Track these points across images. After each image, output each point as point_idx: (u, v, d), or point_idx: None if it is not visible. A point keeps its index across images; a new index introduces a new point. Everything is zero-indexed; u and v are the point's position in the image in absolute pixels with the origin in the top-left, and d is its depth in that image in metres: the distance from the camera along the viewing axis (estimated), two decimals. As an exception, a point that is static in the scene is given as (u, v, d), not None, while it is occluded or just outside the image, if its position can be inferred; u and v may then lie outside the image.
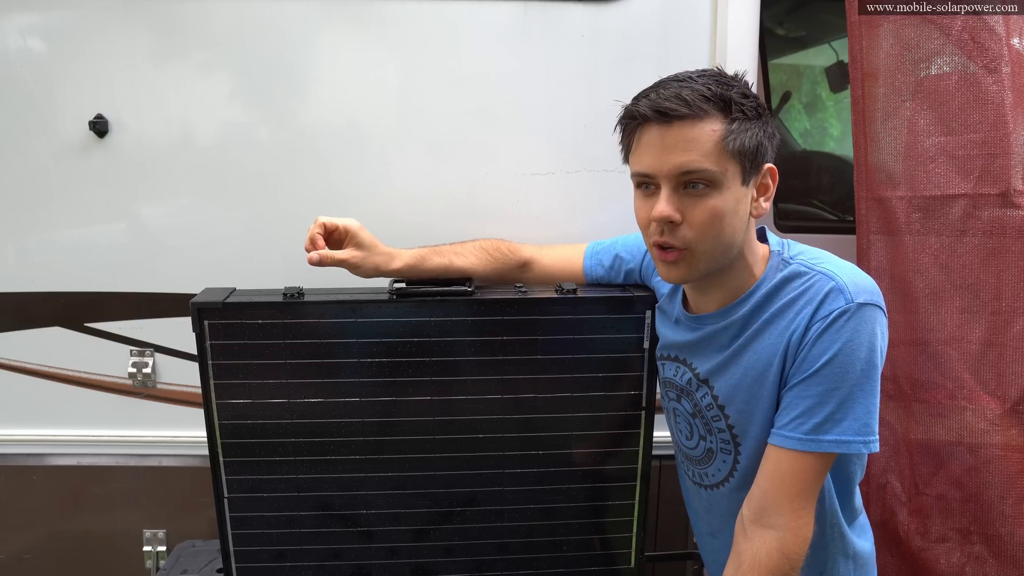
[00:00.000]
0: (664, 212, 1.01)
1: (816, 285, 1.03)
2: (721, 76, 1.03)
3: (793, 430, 1.02)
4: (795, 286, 1.05)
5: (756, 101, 1.02)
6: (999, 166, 1.35)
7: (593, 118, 1.55)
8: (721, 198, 1.01)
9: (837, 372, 1.00)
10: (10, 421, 1.64)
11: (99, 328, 1.60)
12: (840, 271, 1.03)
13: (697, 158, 0.99)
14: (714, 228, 1.01)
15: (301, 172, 1.54)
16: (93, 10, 1.46)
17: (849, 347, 0.99)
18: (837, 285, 1.01)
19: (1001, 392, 1.39)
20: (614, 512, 1.40)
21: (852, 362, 1.00)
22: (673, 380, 1.22)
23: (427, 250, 1.33)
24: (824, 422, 1.01)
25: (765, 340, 1.07)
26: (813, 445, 1.01)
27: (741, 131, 0.99)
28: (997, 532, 1.41)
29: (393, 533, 1.36)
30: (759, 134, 1.01)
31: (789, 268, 1.07)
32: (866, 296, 1.00)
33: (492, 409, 1.32)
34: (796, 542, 1.02)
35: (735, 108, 0.99)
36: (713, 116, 0.99)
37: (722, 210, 1.01)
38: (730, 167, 1.00)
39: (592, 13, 1.51)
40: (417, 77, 1.52)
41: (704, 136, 0.99)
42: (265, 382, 1.27)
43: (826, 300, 1.01)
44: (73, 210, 1.54)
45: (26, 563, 1.69)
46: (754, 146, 1.00)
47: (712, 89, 0.99)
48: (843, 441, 1.01)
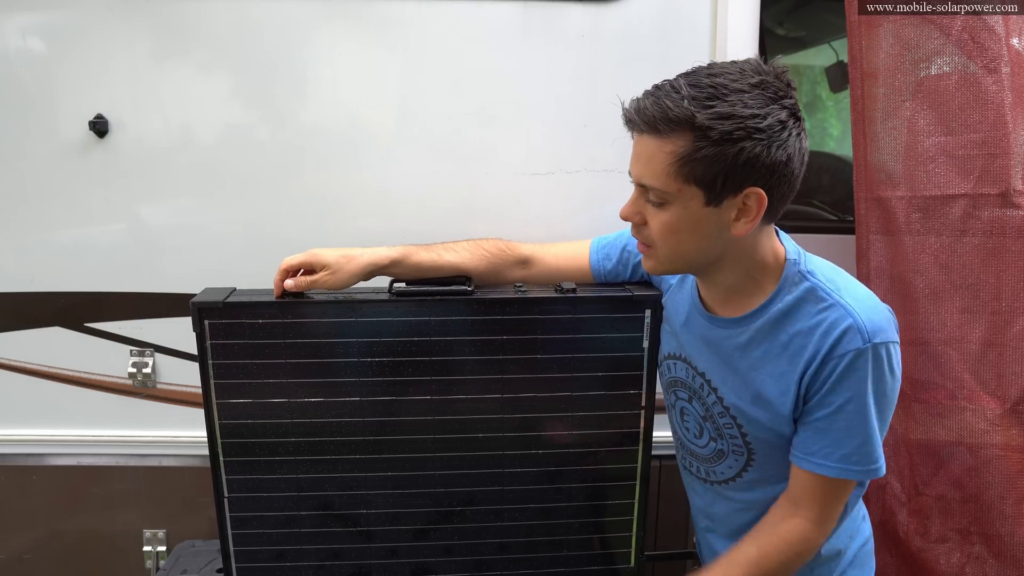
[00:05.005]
0: (623, 212, 1.08)
1: (833, 318, 1.03)
2: (716, 87, 0.94)
3: (824, 458, 1.07)
4: (811, 312, 1.05)
5: (737, 123, 0.93)
6: (999, 166, 1.35)
7: (593, 118, 1.55)
8: (674, 215, 1.01)
9: (856, 410, 1.04)
10: (10, 421, 1.65)
11: (99, 328, 1.61)
12: (857, 304, 1.02)
13: (649, 175, 0.99)
14: (669, 240, 1.04)
15: (301, 172, 1.54)
16: (93, 10, 1.46)
17: (866, 387, 1.02)
18: (855, 324, 1.01)
19: (1001, 392, 1.39)
20: (614, 512, 1.40)
21: (868, 403, 1.03)
22: (685, 381, 1.22)
23: (413, 246, 1.30)
24: (852, 454, 1.05)
25: (779, 367, 1.08)
26: (844, 472, 1.06)
27: (701, 157, 0.94)
28: (997, 532, 1.41)
29: (393, 533, 1.36)
30: (728, 159, 0.94)
31: (805, 285, 1.06)
32: (882, 336, 1.01)
33: (492, 408, 1.32)
34: (817, 538, 1.10)
35: (699, 133, 0.94)
36: (674, 136, 0.95)
37: (675, 226, 1.01)
38: (686, 188, 0.98)
39: (592, 13, 1.51)
40: (417, 77, 1.52)
41: (659, 156, 0.97)
42: (265, 382, 1.27)
43: (843, 339, 1.01)
44: (73, 210, 1.54)
45: (26, 563, 1.69)
46: (715, 173, 0.95)
47: (683, 106, 0.93)
48: (870, 470, 1.07)
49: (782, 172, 0.97)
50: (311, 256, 1.23)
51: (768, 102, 0.95)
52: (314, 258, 1.23)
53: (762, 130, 0.93)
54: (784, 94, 0.96)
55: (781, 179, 0.97)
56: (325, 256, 1.23)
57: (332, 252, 1.24)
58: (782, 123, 0.95)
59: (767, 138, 0.94)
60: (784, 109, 0.96)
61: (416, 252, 1.29)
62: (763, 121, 0.93)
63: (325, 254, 1.23)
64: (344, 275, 1.23)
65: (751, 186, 0.97)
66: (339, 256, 1.23)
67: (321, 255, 1.23)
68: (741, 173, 0.95)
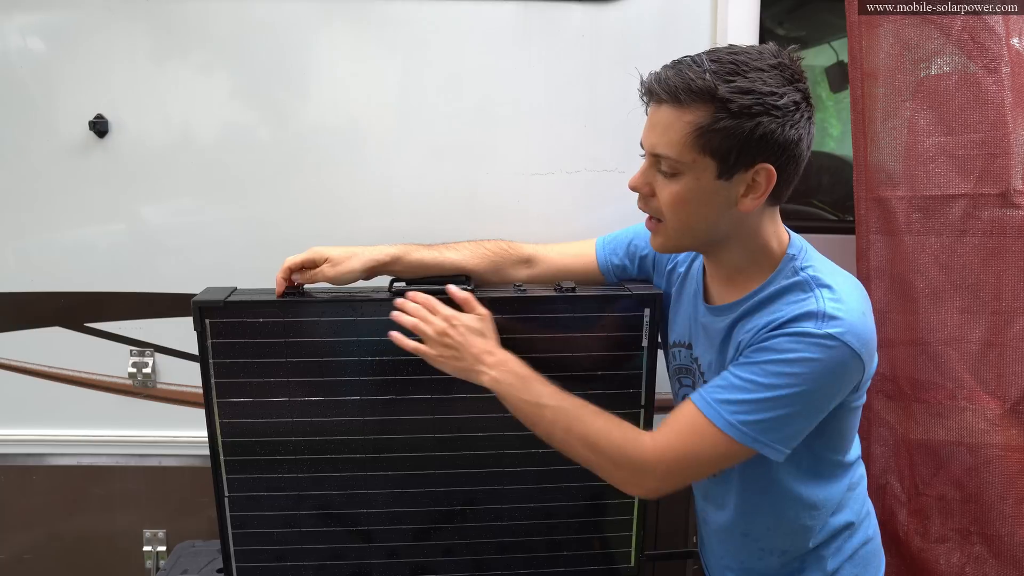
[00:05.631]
0: (632, 182, 1.08)
1: (804, 301, 1.01)
2: (737, 64, 0.97)
3: (708, 391, 1.03)
4: (790, 300, 1.03)
5: (756, 99, 0.96)
6: (999, 166, 1.35)
7: (593, 118, 1.55)
8: (685, 186, 1.02)
9: (768, 373, 0.99)
10: (10, 421, 1.65)
11: (99, 328, 1.61)
12: (833, 302, 0.99)
13: (664, 144, 1.01)
14: (678, 212, 1.04)
15: (301, 172, 1.54)
16: (93, 10, 1.46)
17: (793, 363, 0.98)
18: (819, 311, 0.98)
19: (1001, 392, 1.39)
20: (614, 511, 1.40)
21: (785, 376, 0.98)
22: (689, 368, 1.24)
23: (415, 245, 1.31)
24: (734, 403, 1.01)
25: (745, 339, 1.07)
26: (712, 412, 1.02)
27: (720, 128, 0.97)
28: (997, 532, 1.41)
29: (393, 533, 1.36)
30: (744, 133, 0.96)
31: (795, 278, 1.06)
32: (845, 337, 0.97)
33: (492, 408, 1.31)
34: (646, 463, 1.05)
35: (719, 105, 0.96)
36: (694, 107, 0.97)
37: (685, 198, 1.02)
38: (700, 159, 0.99)
39: (592, 13, 1.51)
40: (417, 77, 1.52)
41: (678, 125, 0.99)
42: (266, 381, 1.27)
43: (801, 317, 0.99)
44: (73, 210, 1.54)
45: (26, 563, 1.69)
46: (731, 146, 0.97)
47: (706, 79, 0.96)
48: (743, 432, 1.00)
49: (792, 152, 1.00)
50: (313, 253, 1.25)
51: (785, 82, 0.98)
52: (316, 255, 1.24)
53: (779, 108, 0.96)
54: (799, 78, 1.00)
55: (791, 159, 1.00)
56: (327, 251, 1.25)
57: (334, 248, 1.26)
58: (796, 104, 0.98)
59: (782, 116, 0.97)
60: (799, 92, 0.99)
61: (417, 250, 1.30)
62: (780, 100, 0.96)
63: (327, 249, 1.25)
64: (346, 269, 1.24)
65: (763, 162, 0.99)
66: (341, 251, 1.25)
67: (323, 250, 1.25)
68: (755, 148, 0.98)
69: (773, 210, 1.09)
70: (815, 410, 1.03)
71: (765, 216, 1.07)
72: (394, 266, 1.28)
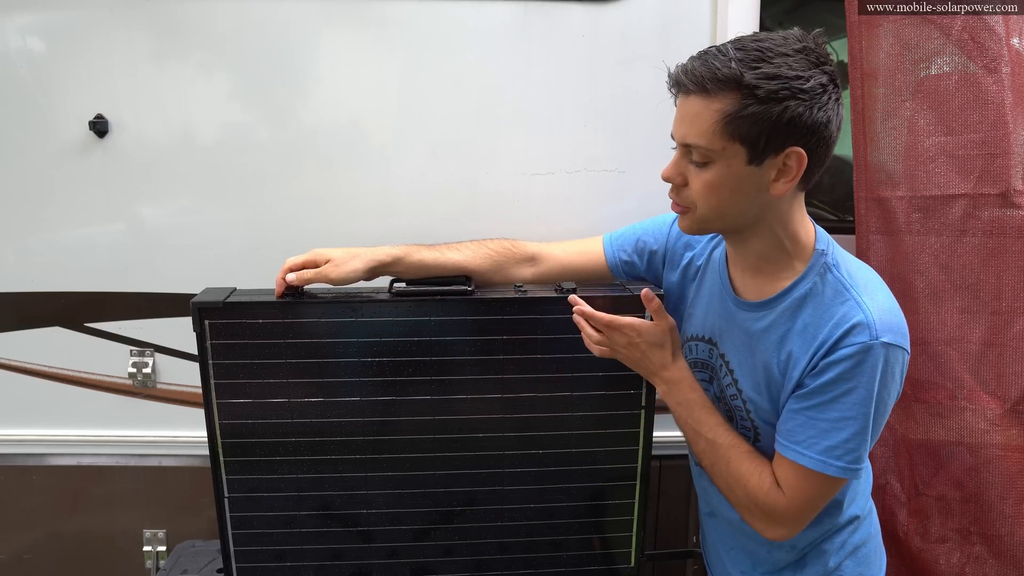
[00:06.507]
0: (664, 173, 1.09)
1: (845, 311, 1.04)
2: (762, 50, 0.98)
3: (808, 448, 1.06)
4: (829, 302, 1.06)
5: (782, 84, 0.97)
6: (999, 166, 1.35)
7: (593, 118, 1.55)
8: (717, 174, 1.03)
9: (851, 403, 1.03)
10: (10, 421, 1.65)
11: (99, 328, 1.61)
12: (872, 303, 1.04)
13: (695, 133, 1.02)
14: (711, 199, 1.05)
15: (301, 172, 1.54)
16: (93, 10, 1.46)
17: (865, 383, 1.02)
18: (866, 320, 1.02)
19: (1001, 392, 1.39)
20: (614, 512, 1.40)
21: (864, 399, 1.03)
22: (708, 362, 1.24)
23: (416, 245, 1.31)
24: (835, 447, 1.05)
25: (791, 352, 1.08)
26: (824, 466, 1.05)
27: (748, 115, 0.98)
28: (997, 532, 1.41)
29: (393, 533, 1.36)
30: (772, 118, 0.98)
31: (828, 277, 1.08)
32: (891, 337, 1.02)
33: (492, 409, 1.32)
34: (782, 522, 1.11)
35: (746, 91, 0.97)
36: (722, 95, 0.99)
37: (717, 185, 1.03)
38: (730, 147, 1.00)
39: (592, 13, 1.51)
40: (417, 77, 1.52)
41: (707, 114, 1.00)
42: (265, 381, 1.27)
43: (853, 331, 1.02)
44: (73, 210, 1.54)
45: (26, 563, 1.69)
46: (760, 131, 0.99)
47: (731, 67, 0.97)
48: (851, 469, 1.06)
49: (822, 134, 1.01)
50: (315, 254, 1.25)
51: (810, 66, 0.99)
52: (318, 256, 1.24)
53: (805, 91, 0.97)
54: (824, 61, 1.00)
55: (820, 141, 1.01)
56: (329, 252, 1.25)
57: (336, 249, 1.26)
58: (823, 86, 0.99)
59: (810, 99, 0.98)
60: (825, 74, 1.00)
61: (419, 250, 1.30)
62: (806, 83, 0.97)
63: (329, 251, 1.25)
64: (348, 269, 1.24)
65: (792, 145, 1.00)
66: (343, 252, 1.25)
67: (325, 251, 1.25)
68: (784, 132, 0.99)
69: (800, 197, 1.10)
70: (888, 410, 1.08)
71: (795, 204, 1.08)
72: (396, 266, 1.28)
